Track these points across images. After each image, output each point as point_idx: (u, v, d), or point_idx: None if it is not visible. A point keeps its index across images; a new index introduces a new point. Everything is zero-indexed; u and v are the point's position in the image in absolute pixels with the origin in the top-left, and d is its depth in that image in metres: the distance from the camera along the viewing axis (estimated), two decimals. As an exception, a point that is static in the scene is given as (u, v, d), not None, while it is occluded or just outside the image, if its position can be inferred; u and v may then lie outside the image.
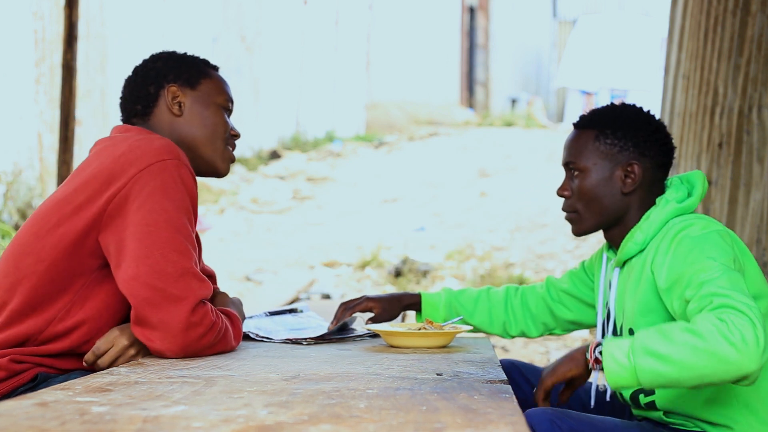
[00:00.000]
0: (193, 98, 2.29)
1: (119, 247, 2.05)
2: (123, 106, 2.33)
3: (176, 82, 2.29)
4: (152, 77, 2.30)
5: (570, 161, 2.24)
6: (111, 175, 2.07)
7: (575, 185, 2.23)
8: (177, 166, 2.09)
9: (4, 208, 7.70)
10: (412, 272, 7.85)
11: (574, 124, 2.28)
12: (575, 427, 2.00)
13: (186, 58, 2.35)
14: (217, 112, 2.31)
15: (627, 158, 2.18)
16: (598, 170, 2.19)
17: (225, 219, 9.84)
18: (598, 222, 2.22)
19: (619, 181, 2.18)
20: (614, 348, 1.86)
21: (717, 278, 1.89)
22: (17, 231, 2.23)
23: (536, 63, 23.47)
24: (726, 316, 1.79)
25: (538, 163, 12.05)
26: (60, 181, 4.81)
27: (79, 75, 6.24)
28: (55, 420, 1.35)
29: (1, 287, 2.15)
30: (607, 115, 2.23)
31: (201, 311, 2.05)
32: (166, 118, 2.28)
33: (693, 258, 1.97)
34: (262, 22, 13.14)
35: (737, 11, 4.11)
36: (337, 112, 15.43)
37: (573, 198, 2.24)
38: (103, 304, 2.14)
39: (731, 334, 1.77)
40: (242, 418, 1.39)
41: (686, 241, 2.01)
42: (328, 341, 2.44)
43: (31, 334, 2.12)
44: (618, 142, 2.19)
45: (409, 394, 1.61)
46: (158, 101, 2.28)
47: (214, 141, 2.29)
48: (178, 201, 2.07)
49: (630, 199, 2.19)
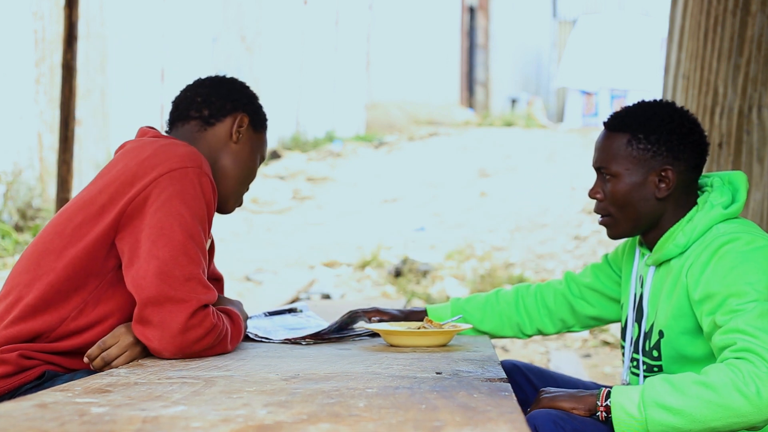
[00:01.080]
0: (251, 138, 2.37)
1: (133, 247, 2.08)
2: (183, 103, 2.36)
3: (249, 115, 2.37)
4: (236, 96, 2.37)
5: (602, 165, 2.17)
6: (134, 177, 2.11)
7: (608, 189, 2.16)
8: (198, 174, 2.12)
9: (4, 208, 7.70)
10: (412, 272, 7.86)
11: (605, 123, 2.20)
12: (579, 428, 1.99)
13: (260, 105, 2.44)
14: (255, 162, 2.40)
15: (661, 163, 2.11)
16: (630, 176, 2.12)
17: (225, 219, 9.84)
18: (633, 227, 2.16)
19: (653, 186, 2.12)
20: (624, 399, 1.86)
21: (749, 311, 1.88)
22: (40, 230, 2.27)
23: (536, 63, 23.48)
24: (743, 366, 1.79)
25: (538, 163, 12.04)
26: (60, 180, 4.81)
27: (79, 75, 6.24)
28: (54, 421, 1.35)
29: (19, 283, 2.18)
30: (639, 116, 2.15)
31: (201, 314, 2.07)
32: (220, 138, 2.33)
33: (731, 280, 1.93)
34: (262, 22, 13.14)
35: (737, 11, 4.11)
36: (337, 112, 15.44)
37: (606, 201, 2.17)
38: (117, 306, 2.16)
39: (745, 386, 1.78)
40: (241, 417, 1.39)
41: (728, 258, 1.96)
42: (327, 341, 2.44)
43: (43, 331, 2.14)
44: (651, 147, 2.11)
45: (408, 392, 1.61)
46: (225, 120, 2.34)
47: (240, 184, 2.37)
48: (195, 208, 2.10)
49: (665, 204, 2.13)
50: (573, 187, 10.81)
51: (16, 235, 7.49)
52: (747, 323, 1.87)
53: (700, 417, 1.79)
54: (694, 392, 1.80)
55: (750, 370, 1.79)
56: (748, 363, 1.80)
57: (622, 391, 1.88)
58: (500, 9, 21.58)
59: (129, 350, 2.10)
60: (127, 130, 8.01)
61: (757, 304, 1.90)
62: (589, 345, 6.43)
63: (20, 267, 2.21)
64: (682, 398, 1.80)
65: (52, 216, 2.43)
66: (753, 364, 1.80)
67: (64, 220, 2.17)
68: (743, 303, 1.90)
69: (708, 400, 1.79)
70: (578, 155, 12.25)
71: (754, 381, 1.78)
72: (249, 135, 2.36)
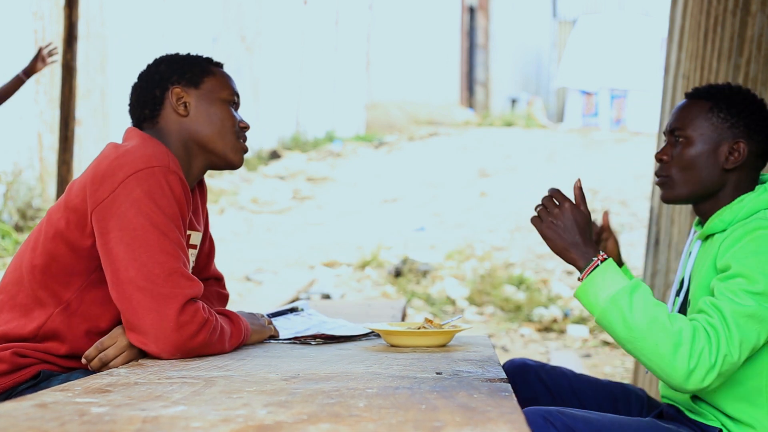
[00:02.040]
0: (198, 97, 2.32)
1: (105, 250, 2.08)
2: (132, 111, 2.36)
3: (180, 83, 2.32)
4: (156, 81, 2.33)
5: (677, 127, 2.19)
6: (102, 178, 2.11)
7: (676, 151, 2.19)
8: (165, 172, 2.11)
9: (4, 208, 7.70)
10: (412, 272, 7.86)
11: (687, 94, 2.24)
12: (570, 423, 2.00)
13: (188, 59, 2.37)
14: (222, 107, 2.33)
15: (735, 135, 2.15)
16: (704, 141, 2.16)
17: (225, 219, 9.84)
18: (691, 191, 2.18)
19: (723, 156, 2.15)
20: (602, 282, 1.97)
21: (743, 305, 1.92)
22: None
23: (536, 63, 23.47)
24: (704, 340, 1.89)
25: (538, 163, 12.05)
26: (60, 181, 4.81)
27: (79, 75, 6.24)
28: (54, 421, 1.35)
29: (10, 281, 2.22)
30: (725, 90, 2.20)
31: (191, 309, 2.06)
32: (173, 120, 2.31)
33: (750, 262, 1.97)
34: (262, 22, 13.14)
35: (737, 11, 4.11)
36: (337, 112, 15.44)
37: (671, 164, 2.19)
38: (103, 307, 2.17)
39: (690, 355, 1.88)
40: (241, 417, 1.39)
41: (758, 241, 2.01)
42: (336, 340, 2.44)
43: (32, 329, 2.16)
44: (731, 118, 2.15)
45: (408, 392, 1.61)
46: (164, 104, 2.31)
47: (223, 136, 2.32)
48: (165, 207, 2.10)
49: (728, 177, 2.16)
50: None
51: (16, 235, 7.50)
52: (733, 314, 1.92)
53: (640, 346, 1.92)
54: (654, 327, 1.90)
55: (704, 348, 1.89)
56: (708, 341, 1.90)
57: (606, 274, 1.98)
58: (500, 9, 21.58)
59: (127, 351, 2.10)
60: (127, 130, 7.97)
61: (755, 303, 1.93)
62: (589, 345, 6.44)
63: (11, 265, 2.25)
64: (642, 321, 1.91)
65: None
66: (710, 346, 1.89)
67: (46, 219, 2.20)
68: (746, 290, 1.94)
69: (656, 342, 1.89)
70: (578, 155, 12.26)
71: (701, 357, 1.88)
72: (194, 96, 2.31)
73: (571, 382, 2.39)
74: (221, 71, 2.38)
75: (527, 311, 7.09)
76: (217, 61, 2.41)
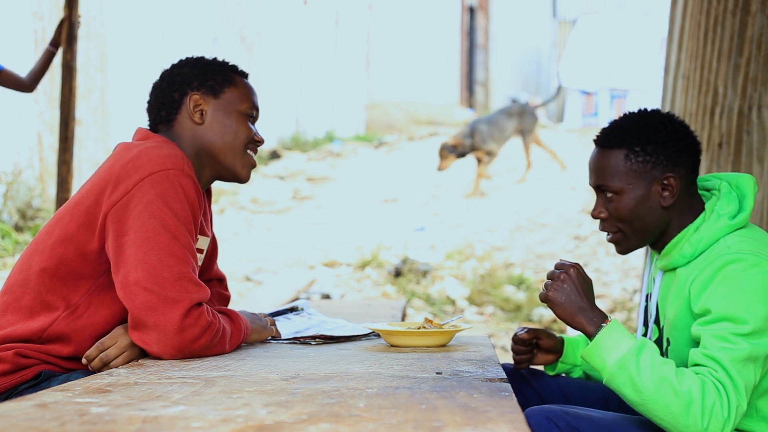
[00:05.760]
0: (216, 107, 2.32)
1: (118, 252, 2.08)
2: (149, 111, 2.36)
3: (200, 90, 2.31)
4: (177, 83, 2.33)
5: (602, 184, 2.13)
6: (117, 180, 2.11)
7: (612, 207, 2.12)
8: (178, 175, 2.12)
9: (4, 208, 7.70)
10: (412, 272, 7.85)
11: (597, 142, 2.16)
12: (573, 423, 2.00)
13: (212, 65, 2.36)
14: (239, 120, 2.33)
15: (662, 172, 2.08)
16: (634, 190, 2.09)
17: (225, 219, 9.84)
18: (643, 239, 2.14)
19: (658, 196, 2.09)
20: (611, 344, 1.95)
21: (738, 350, 1.90)
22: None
23: (536, 63, 23.47)
24: (714, 394, 1.87)
25: (538, 163, 12.04)
26: (60, 181, 4.81)
27: (79, 75, 6.24)
28: (54, 421, 1.35)
29: (15, 282, 2.21)
30: (631, 129, 2.12)
31: (196, 313, 2.07)
32: (188, 126, 2.30)
33: (731, 302, 1.93)
34: (262, 22, 13.14)
35: (737, 11, 4.11)
36: (337, 112, 15.43)
37: (611, 220, 2.14)
38: (109, 310, 2.17)
39: (702, 413, 1.86)
40: (241, 417, 1.39)
41: (732, 279, 1.95)
42: (335, 341, 2.44)
43: (36, 331, 2.15)
44: (650, 158, 2.08)
45: (408, 392, 1.61)
46: (181, 109, 2.31)
47: (234, 149, 2.32)
48: (178, 210, 2.10)
49: (671, 211, 2.11)
50: (573, 187, 10.81)
51: (16, 235, 7.49)
52: (732, 361, 1.90)
53: (651, 408, 1.90)
54: (663, 389, 1.89)
55: (715, 403, 1.87)
56: (719, 396, 1.88)
57: (612, 336, 1.97)
58: (500, 9, 21.58)
59: (128, 351, 2.11)
60: (127, 130, 7.98)
61: (748, 345, 1.91)
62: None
63: (17, 266, 2.24)
64: (651, 383, 1.90)
65: (51, 216, 2.45)
66: (721, 401, 1.88)
67: (56, 220, 2.20)
68: (736, 333, 1.91)
69: (666, 403, 1.88)
70: (578, 155, 12.25)
71: (713, 412, 1.87)
72: (211, 106, 2.31)
73: (561, 385, 2.38)
74: (244, 82, 2.37)
75: (527, 311, 7.09)
76: (242, 71, 2.40)
